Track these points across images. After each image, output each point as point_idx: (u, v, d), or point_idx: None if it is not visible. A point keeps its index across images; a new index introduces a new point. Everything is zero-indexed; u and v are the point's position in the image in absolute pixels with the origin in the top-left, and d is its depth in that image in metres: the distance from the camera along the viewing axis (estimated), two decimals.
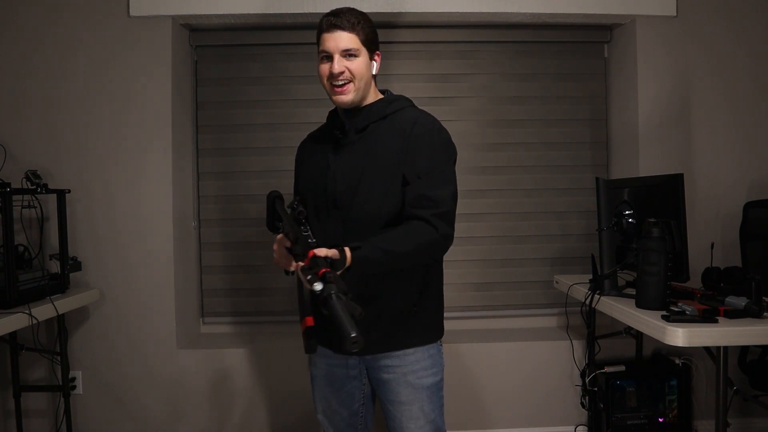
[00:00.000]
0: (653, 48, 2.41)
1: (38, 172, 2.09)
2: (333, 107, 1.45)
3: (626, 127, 2.52)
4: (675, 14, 2.41)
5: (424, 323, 1.38)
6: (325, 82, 1.33)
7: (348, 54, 1.30)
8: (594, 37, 2.61)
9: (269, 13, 2.34)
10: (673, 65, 2.42)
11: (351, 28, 1.29)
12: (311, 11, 2.33)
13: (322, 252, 1.05)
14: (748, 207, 2.24)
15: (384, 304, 1.32)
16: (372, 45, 1.35)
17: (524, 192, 2.60)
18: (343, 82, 1.30)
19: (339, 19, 1.29)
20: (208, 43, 2.53)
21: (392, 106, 1.37)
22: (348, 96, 1.31)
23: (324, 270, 0.96)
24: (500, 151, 2.58)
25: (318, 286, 0.93)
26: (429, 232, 1.22)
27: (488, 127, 2.58)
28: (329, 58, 1.31)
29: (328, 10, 2.30)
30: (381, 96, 1.41)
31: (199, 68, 2.56)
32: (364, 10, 1.39)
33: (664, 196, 1.82)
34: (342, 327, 0.88)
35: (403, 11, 2.33)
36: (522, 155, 2.60)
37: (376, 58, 1.37)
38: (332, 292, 0.92)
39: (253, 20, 2.40)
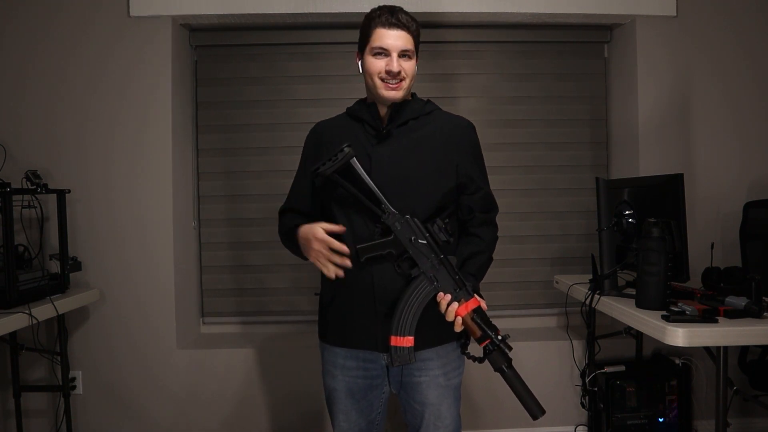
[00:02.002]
0: (653, 48, 2.41)
1: (38, 172, 2.09)
2: (356, 101, 1.46)
3: (626, 127, 2.52)
4: (675, 14, 2.41)
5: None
6: (376, 78, 1.34)
7: (405, 54, 1.33)
8: (594, 37, 2.61)
9: (269, 13, 2.34)
10: (673, 65, 2.42)
11: (409, 29, 1.32)
12: (311, 11, 2.33)
13: (484, 305, 1.27)
14: (748, 207, 2.24)
15: (430, 300, 1.32)
16: (418, 48, 1.39)
17: (524, 192, 2.60)
18: (397, 81, 1.33)
19: (398, 18, 1.31)
20: (208, 43, 2.53)
21: (428, 106, 1.43)
22: (399, 93, 1.34)
23: (488, 341, 1.23)
24: (500, 151, 2.58)
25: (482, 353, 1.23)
26: (495, 231, 1.45)
27: (488, 127, 2.58)
28: (385, 54, 1.32)
29: (327, 11, 2.34)
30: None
31: (199, 68, 2.56)
32: (364, 10, 1.40)
33: (664, 196, 1.82)
34: (528, 408, 1.25)
35: None
36: (522, 155, 2.60)
37: (416, 60, 1.41)
38: (503, 366, 1.22)
39: (253, 20, 2.40)
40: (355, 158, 1.25)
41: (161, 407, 2.35)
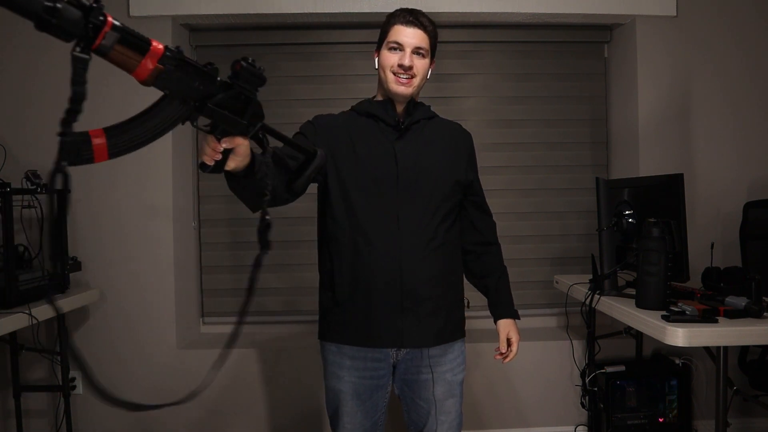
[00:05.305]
0: (653, 48, 2.41)
1: (38, 172, 2.08)
2: (362, 100, 1.47)
3: (626, 127, 2.52)
4: (675, 14, 2.41)
5: (462, 317, 1.50)
6: (388, 71, 1.37)
7: (418, 52, 1.36)
8: (594, 37, 2.61)
9: (269, 13, 2.34)
10: (673, 65, 2.42)
11: (426, 29, 1.37)
12: (311, 11, 2.33)
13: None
14: (748, 207, 2.24)
15: (443, 299, 1.38)
16: (434, 51, 1.42)
17: (524, 192, 2.60)
18: (408, 77, 1.36)
19: (416, 17, 1.36)
20: (208, 43, 2.54)
21: (432, 111, 1.51)
22: (409, 89, 1.37)
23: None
24: (500, 151, 2.58)
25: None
26: (500, 248, 1.64)
27: (488, 127, 2.58)
28: (399, 49, 1.36)
29: (327, 11, 2.34)
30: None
31: None
32: (364, 10, 1.40)
33: (664, 196, 1.82)
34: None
35: None
36: (522, 155, 2.60)
37: (432, 64, 1.44)
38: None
39: (253, 20, 2.40)
40: None
41: None
